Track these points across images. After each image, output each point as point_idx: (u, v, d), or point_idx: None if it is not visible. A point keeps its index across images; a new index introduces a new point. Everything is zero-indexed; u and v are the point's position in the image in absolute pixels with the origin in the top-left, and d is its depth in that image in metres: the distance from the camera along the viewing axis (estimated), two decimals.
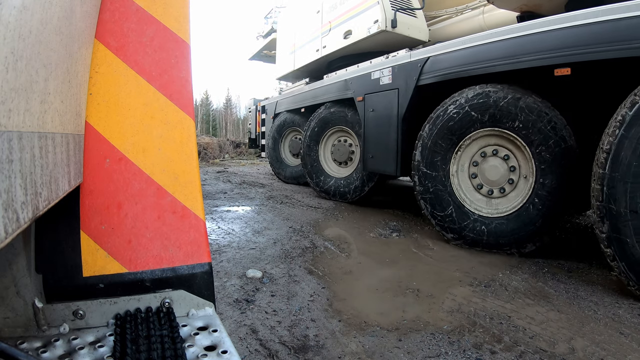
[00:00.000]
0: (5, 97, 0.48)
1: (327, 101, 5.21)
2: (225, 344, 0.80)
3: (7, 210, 0.50)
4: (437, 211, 3.17)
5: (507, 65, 2.74)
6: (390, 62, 3.94)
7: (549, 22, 2.55)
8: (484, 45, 2.93)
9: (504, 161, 2.98)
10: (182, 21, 1.07)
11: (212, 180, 7.60)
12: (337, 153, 5.24)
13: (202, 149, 13.65)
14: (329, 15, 5.38)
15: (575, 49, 2.38)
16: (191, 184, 0.99)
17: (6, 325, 0.82)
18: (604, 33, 2.26)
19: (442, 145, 3.20)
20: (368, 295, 2.14)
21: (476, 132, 3.05)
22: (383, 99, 3.99)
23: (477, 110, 2.99)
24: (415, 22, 4.52)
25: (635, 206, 2.01)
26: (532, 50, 2.60)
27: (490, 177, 3.02)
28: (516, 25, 2.80)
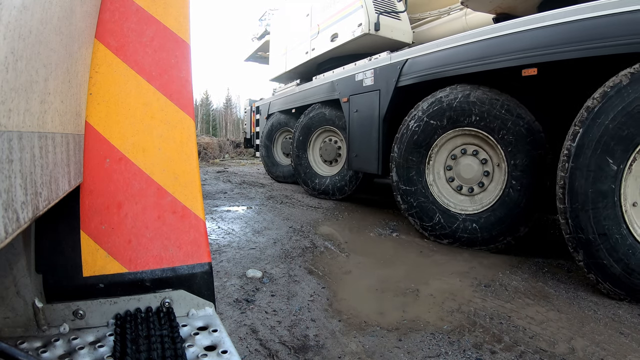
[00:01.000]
0: (5, 97, 0.48)
1: (316, 102, 5.35)
2: (225, 343, 0.80)
3: (7, 210, 0.50)
4: (425, 222, 3.23)
5: (478, 66, 2.84)
6: (372, 64, 4.07)
7: (515, 24, 2.63)
8: (457, 48, 3.04)
9: (474, 157, 3.09)
10: (182, 21, 1.07)
11: (212, 180, 7.60)
12: (325, 152, 5.41)
13: (202, 149, 13.65)
14: (318, 19, 5.51)
15: (540, 50, 2.46)
16: (191, 184, 0.99)
17: (6, 325, 0.82)
18: (567, 34, 2.34)
19: (413, 160, 3.35)
20: (368, 295, 2.14)
21: (440, 138, 3.19)
22: (366, 100, 4.12)
23: (435, 118, 3.17)
24: (399, 24, 4.64)
25: (602, 229, 2.07)
26: (501, 52, 2.70)
27: (467, 176, 3.12)
28: (486, 27, 2.89)
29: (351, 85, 4.40)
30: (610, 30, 2.16)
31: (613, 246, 2.05)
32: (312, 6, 5.68)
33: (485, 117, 2.88)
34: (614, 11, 2.15)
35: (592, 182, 2.11)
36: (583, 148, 2.14)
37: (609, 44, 2.15)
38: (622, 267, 2.02)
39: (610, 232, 2.05)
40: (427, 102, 3.27)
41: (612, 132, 2.08)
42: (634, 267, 2.01)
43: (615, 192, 2.07)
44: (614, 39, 2.14)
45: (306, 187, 5.61)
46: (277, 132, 7.12)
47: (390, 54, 3.92)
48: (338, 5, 5.03)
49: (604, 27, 2.19)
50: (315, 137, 5.57)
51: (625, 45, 2.09)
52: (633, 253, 2.02)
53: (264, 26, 8.66)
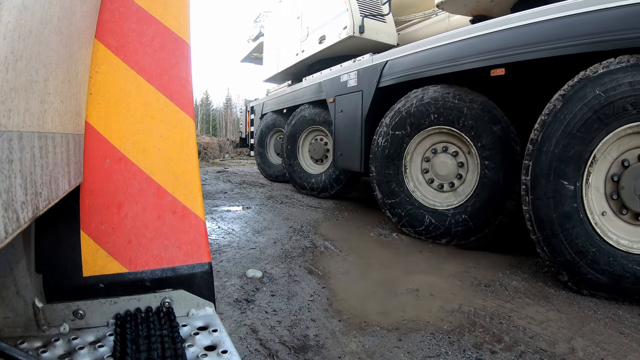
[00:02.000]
0: (5, 97, 0.48)
1: (305, 102, 5.50)
2: (225, 343, 0.80)
3: (7, 210, 0.50)
4: (419, 228, 3.26)
5: (450, 67, 2.95)
6: (356, 66, 4.21)
7: (485, 26, 2.73)
8: (432, 50, 3.16)
9: (446, 153, 3.23)
10: (182, 21, 1.07)
11: (212, 180, 7.60)
12: (314, 151, 5.59)
13: (202, 148, 13.65)
14: (307, 21, 5.67)
15: (507, 51, 2.56)
16: (191, 184, 0.99)
17: (6, 325, 0.82)
18: (531, 35, 2.43)
19: (391, 173, 3.47)
20: (368, 295, 2.14)
21: (409, 145, 3.37)
22: (350, 101, 4.27)
23: (399, 128, 3.40)
24: (384, 27, 4.77)
25: (577, 248, 2.12)
26: (471, 53, 2.80)
27: (444, 172, 3.24)
28: (459, 29, 2.99)
29: (337, 86, 4.53)
30: (572, 30, 2.23)
31: (593, 260, 2.07)
32: (302, 9, 5.84)
33: (442, 112, 3.06)
34: (575, 12, 2.22)
35: (554, 208, 2.19)
36: (537, 178, 2.24)
37: (571, 43, 2.23)
38: (608, 277, 2.03)
39: (585, 248, 2.09)
40: (388, 116, 3.49)
41: (559, 156, 2.19)
42: (620, 273, 2.01)
43: (580, 210, 2.13)
44: (574, 39, 2.21)
45: (295, 184, 5.78)
46: (270, 131, 7.29)
47: (372, 55, 4.03)
48: (325, 8, 5.18)
49: (565, 27, 2.27)
50: (304, 137, 5.71)
51: (586, 44, 2.16)
52: (615, 260, 2.03)
53: (258, 28, 8.84)
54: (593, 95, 2.12)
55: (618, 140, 2.14)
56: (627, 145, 2.15)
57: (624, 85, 2.05)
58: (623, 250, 2.03)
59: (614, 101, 2.08)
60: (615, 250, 2.04)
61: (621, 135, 2.12)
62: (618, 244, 2.07)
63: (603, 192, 2.20)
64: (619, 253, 2.03)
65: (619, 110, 2.07)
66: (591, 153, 2.14)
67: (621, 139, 2.14)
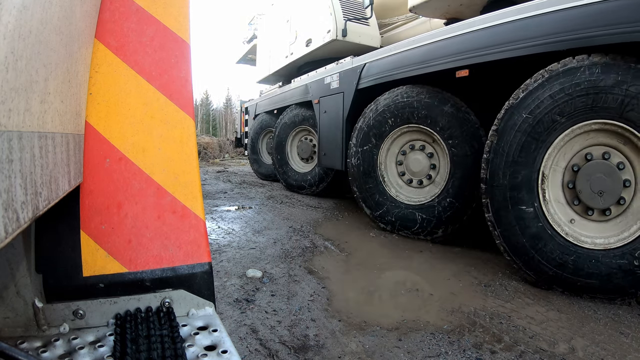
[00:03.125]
0: (5, 97, 0.48)
1: (293, 103, 5.70)
2: (225, 343, 0.80)
3: (7, 210, 0.50)
4: (414, 227, 3.31)
5: (420, 69, 3.10)
6: (338, 68, 4.38)
7: (451, 29, 2.86)
8: (404, 53, 3.30)
9: (415, 151, 3.44)
10: (182, 21, 1.07)
11: (212, 180, 7.60)
12: (302, 150, 5.81)
13: (202, 148, 13.65)
14: (296, 25, 5.86)
15: (470, 53, 2.68)
16: (191, 184, 0.99)
17: (6, 325, 0.82)
18: (491, 37, 2.54)
19: (371, 187, 3.61)
20: (368, 295, 2.14)
21: (379, 156, 3.57)
22: (333, 102, 4.44)
23: (366, 143, 3.64)
24: (367, 30, 4.94)
25: (556, 262, 2.14)
26: (438, 56, 2.94)
27: (418, 169, 3.41)
28: (428, 33, 3.13)
29: (321, 88, 4.71)
30: (528, 32, 2.32)
31: (575, 267, 2.09)
32: (291, 13, 6.03)
33: (398, 114, 3.34)
34: (530, 14, 2.31)
35: (522, 234, 2.26)
36: (498, 212, 2.36)
37: (527, 45, 2.32)
38: (598, 279, 2.03)
39: (564, 260, 2.12)
40: (354, 136, 3.75)
41: (510, 185, 2.30)
42: (607, 271, 2.01)
43: (546, 227, 2.20)
44: (531, 40, 2.30)
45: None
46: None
47: (352, 58, 4.18)
48: (312, 12, 5.35)
49: (521, 30, 2.36)
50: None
51: (541, 45, 2.25)
52: (597, 261, 2.04)
53: (252, 30, 9.04)
54: (521, 120, 2.28)
55: (561, 150, 2.24)
56: (572, 151, 2.23)
57: (545, 100, 2.20)
58: (601, 249, 2.04)
59: (541, 118, 2.21)
60: (594, 252, 2.05)
61: (562, 145, 2.22)
62: (595, 244, 2.08)
63: (564, 201, 2.26)
64: (599, 253, 2.04)
65: (550, 124, 2.20)
66: (539, 172, 2.23)
67: (564, 147, 2.23)
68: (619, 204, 2.08)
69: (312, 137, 5.62)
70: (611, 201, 2.09)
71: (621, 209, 2.09)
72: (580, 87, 2.09)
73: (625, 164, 2.08)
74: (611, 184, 2.09)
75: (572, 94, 2.13)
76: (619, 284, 1.98)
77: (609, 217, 2.12)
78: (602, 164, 2.14)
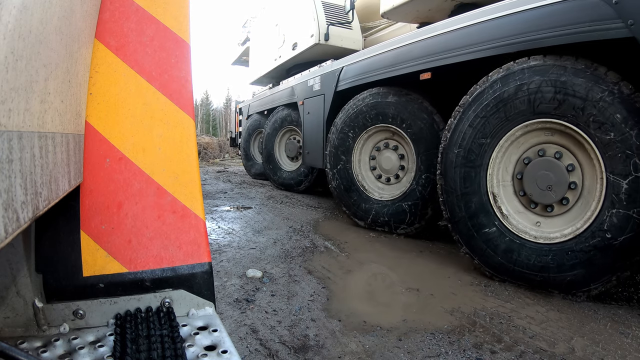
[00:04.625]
0: (5, 96, 0.48)
1: (281, 104, 5.92)
2: (225, 343, 0.80)
3: (7, 210, 0.50)
4: (404, 223, 3.37)
5: (389, 73, 3.27)
6: (320, 71, 4.59)
7: (416, 34, 3.03)
8: (375, 57, 3.49)
9: (381, 152, 3.66)
10: (182, 21, 1.07)
11: (212, 179, 7.61)
12: (289, 149, 6.06)
13: (202, 148, 13.65)
14: (283, 29, 6.08)
15: (431, 57, 2.84)
16: (191, 184, 0.99)
17: (6, 325, 0.82)
18: (449, 41, 2.69)
19: (357, 199, 3.73)
20: (368, 295, 2.14)
21: (354, 168, 3.79)
22: (315, 103, 4.65)
23: (337, 164, 3.90)
24: (349, 33, 5.14)
25: (537, 267, 2.17)
26: (404, 60, 3.10)
27: (389, 166, 3.60)
28: (397, 37, 3.31)
29: (305, 90, 4.89)
30: (480, 36, 2.46)
31: (560, 266, 2.09)
32: (280, 17, 6.25)
33: (356, 119, 3.66)
34: (484, 19, 2.45)
35: (495, 253, 2.32)
36: (470, 242, 2.45)
37: (479, 48, 2.46)
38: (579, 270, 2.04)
39: (543, 262, 2.13)
40: (328, 162, 4.03)
41: (469, 215, 2.45)
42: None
43: (514, 239, 2.26)
44: (483, 44, 2.44)
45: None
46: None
47: (332, 62, 4.38)
48: (298, 17, 5.54)
49: (474, 34, 2.51)
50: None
51: (491, 48, 2.39)
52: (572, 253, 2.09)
53: (245, 32, 9.23)
54: (455, 156, 2.54)
55: (500, 165, 2.42)
56: (512, 162, 2.41)
57: (466, 131, 2.47)
58: (572, 238, 2.07)
59: (469, 147, 2.47)
60: (567, 244, 2.08)
61: (498, 162, 2.41)
62: (564, 235, 2.12)
63: (523, 209, 2.37)
64: (571, 243, 2.06)
65: (479, 149, 2.43)
66: (487, 194, 2.40)
67: (502, 163, 2.42)
68: (570, 189, 2.16)
69: (298, 137, 5.80)
70: (562, 190, 2.18)
71: (576, 193, 2.16)
72: (490, 106, 2.35)
73: (562, 153, 2.20)
74: (555, 176, 2.19)
75: (485, 115, 2.38)
76: (601, 264, 1.98)
77: (570, 206, 2.18)
78: (541, 162, 2.27)
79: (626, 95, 1.89)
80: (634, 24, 1.79)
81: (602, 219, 1.97)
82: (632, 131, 1.88)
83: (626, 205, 1.90)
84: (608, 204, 1.95)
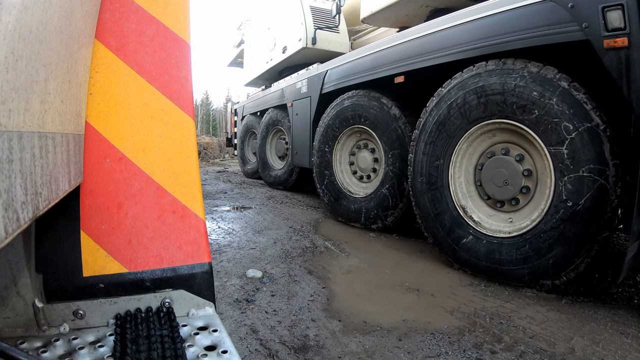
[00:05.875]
0: (5, 97, 0.48)
1: (272, 106, 6.13)
2: (225, 343, 0.80)
3: (7, 210, 0.50)
4: (387, 207, 3.46)
5: (367, 76, 3.48)
6: (307, 74, 4.77)
7: (393, 39, 3.19)
8: (355, 61, 3.69)
9: (356, 156, 3.90)
10: (182, 21, 1.07)
11: (212, 180, 7.61)
12: (278, 149, 6.31)
13: (202, 148, 13.66)
14: (275, 32, 6.23)
15: (404, 61, 3.00)
16: (191, 184, 0.99)
17: (6, 325, 0.82)
18: (420, 47, 2.86)
19: (345, 203, 3.86)
20: (368, 295, 2.14)
21: (338, 178, 4.00)
22: (303, 105, 4.83)
23: (323, 179, 4.10)
24: (336, 37, 5.29)
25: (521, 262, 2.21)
26: (381, 64, 3.28)
27: (363, 165, 3.83)
28: (375, 42, 3.48)
29: (294, 92, 5.10)
30: (448, 41, 2.59)
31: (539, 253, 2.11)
32: (271, 21, 6.40)
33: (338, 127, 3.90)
34: (451, 24, 2.58)
35: (479, 258, 2.37)
36: (456, 254, 2.51)
37: (448, 53, 2.59)
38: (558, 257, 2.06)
39: (527, 255, 2.15)
40: (316, 180, 4.24)
41: (446, 231, 2.57)
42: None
43: (491, 241, 2.32)
44: (452, 48, 2.56)
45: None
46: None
47: (318, 65, 4.56)
48: (287, 21, 5.69)
49: (442, 39, 2.64)
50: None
51: (460, 52, 2.50)
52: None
53: (240, 35, 9.38)
54: (419, 185, 2.76)
55: (459, 179, 2.59)
56: (467, 171, 2.59)
57: (417, 162, 2.77)
58: (539, 221, 2.14)
59: (429, 173, 2.69)
60: (536, 229, 2.14)
61: (457, 177, 2.58)
62: (534, 220, 2.16)
63: (494, 211, 2.49)
64: (539, 229, 2.12)
65: (435, 170, 2.64)
66: (457, 208, 2.55)
67: (457, 176, 2.59)
68: (526, 176, 2.27)
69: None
70: (518, 181, 2.29)
71: (533, 179, 2.26)
72: (433, 131, 2.65)
73: (508, 148, 2.37)
74: (507, 170, 2.34)
75: (432, 140, 2.65)
76: (575, 235, 1.98)
77: (532, 193, 2.27)
78: (492, 162, 2.44)
79: (535, 74, 2.08)
80: (588, 26, 1.86)
81: (559, 190, 2.03)
82: (551, 100, 2.01)
83: (573, 168, 1.97)
84: (559, 175, 2.03)
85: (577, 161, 1.95)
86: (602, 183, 1.87)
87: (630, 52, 1.74)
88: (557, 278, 2.05)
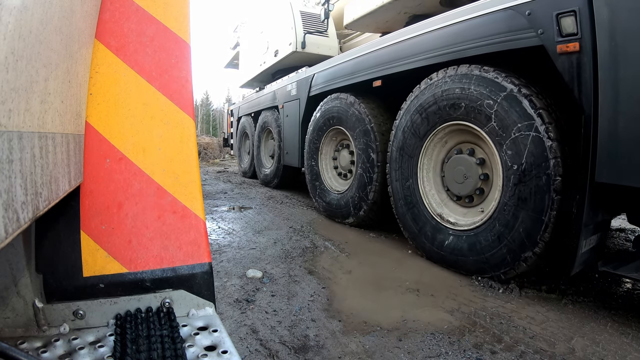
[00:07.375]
0: (5, 97, 0.48)
1: (265, 108, 6.31)
2: (225, 344, 0.80)
3: (7, 210, 0.50)
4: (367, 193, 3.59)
5: (348, 80, 3.67)
6: (296, 77, 4.96)
7: (372, 44, 3.36)
8: (338, 65, 3.89)
9: (335, 155, 4.17)
10: (182, 21, 1.07)
11: (212, 180, 7.61)
12: (269, 149, 6.51)
13: (202, 149, 13.66)
14: (267, 36, 6.39)
15: (381, 66, 3.16)
16: (191, 184, 0.99)
17: (6, 325, 0.82)
18: (395, 52, 2.99)
19: (342, 204, 3.91)
20: (368, 295, 2.14)
21: (323, 181, 4.24)
22: (293, 107, 5.02)
23: (313, 182, 4.39)
24: (326, 41, 5.43)
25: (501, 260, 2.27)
26: (361, 69, 3.45)
27: (344, 163, 4.03)
28: (357, 48, 3.64)
29: (285, 94, 5.29)
30: (420, 47, 2.73)
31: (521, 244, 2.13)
32: (264, 25, 6.56)
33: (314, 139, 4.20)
34: (423, 31, 2.71)
35: (464, 254, 2.42)
36: (445, 260, 2.57)
37: (419, 58, 2.73)
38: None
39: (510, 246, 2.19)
40: (310, 189, 4.42)
41: (432, 240, 2.64)
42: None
43: (464, 236, 2.43)
44: (423, 54, 2.70)
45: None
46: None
47: (306, 69, 4.71)
48: (279, 26, 5.83)
49: (415, 46, 2.78)
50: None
51: (429, 58, 2.64)
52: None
53: (236, 37, 9.50)
54: (400, 189, 2.96)
55: (429, 187, 2.78)
56: (433, 178, 2.78)
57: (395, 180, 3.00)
58: (499, 199, 2.26)
59: (411, 185, 2.86)
60: (499, 208, 2.23)
61: (428, 184, 2.79)
62: (495, 200, 2.27)
63: (465, 206, 2.62)
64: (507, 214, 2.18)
65: (411, 199, 2.82)
66: (437, 216, 2.66)
67: (428, 184, 2.78)
68: (480, 165, 2.43)
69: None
70: (475, 171, 2.45)
71: (488, 166, 2.41)
72: (396, 156, 2.96)
73: (461, 149, 2.57)
74: (464, 165, 2.52)
75: (399, 166, 2.91)
76: (535, 198, 2.05)
77: (492, 179, 2.39)
78: (450, 164, 2.63)
79: (453, 75, 2.38)
80: (543, 32, 1.94)
81: (504, 161, 2.16)
82: (470, 88, 2.24)
83: (506, 135, 2.12)
84: (499, 147, 2.19)
85: (506, 127, 2.11)
86: (534, 135, 1.99)
87: (582, 57, 1.81)
88: (534, 244, 2.05)
